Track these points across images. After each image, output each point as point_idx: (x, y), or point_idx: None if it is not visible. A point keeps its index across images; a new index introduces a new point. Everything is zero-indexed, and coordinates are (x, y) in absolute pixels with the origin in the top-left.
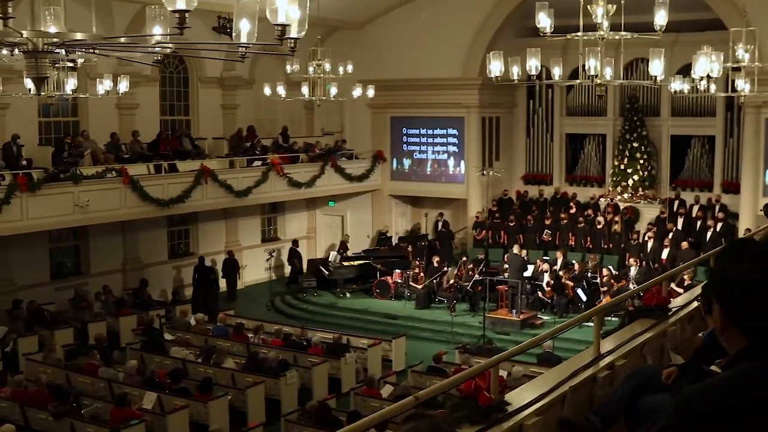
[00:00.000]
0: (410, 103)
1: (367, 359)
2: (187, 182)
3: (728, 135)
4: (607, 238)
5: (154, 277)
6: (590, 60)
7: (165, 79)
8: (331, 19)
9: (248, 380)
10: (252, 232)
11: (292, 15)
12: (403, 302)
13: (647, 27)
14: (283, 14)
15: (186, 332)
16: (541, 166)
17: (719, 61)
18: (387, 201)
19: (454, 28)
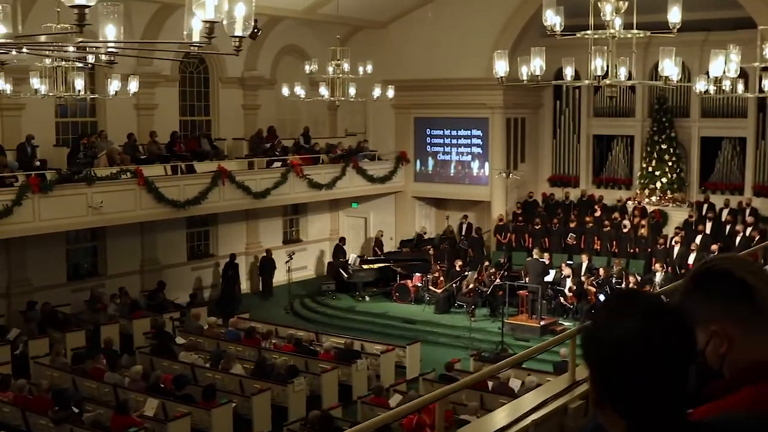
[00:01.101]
0: (434, 103)
1: (379, 366)
2: (204, 183)
3: (760, 137)
4: (633, 243)
5: (173, 278)
6: (597, 60)
7: (185, 79)
8: (354, 19)
9: (256, 387)
10: (273, 234)
11: (236, 12)
12: (423, 306)
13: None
14: (211, 10)
15: (198, 336)
16: (567, 168)
17: (737, 61)
18: (410, 203)
19: (479, 28)
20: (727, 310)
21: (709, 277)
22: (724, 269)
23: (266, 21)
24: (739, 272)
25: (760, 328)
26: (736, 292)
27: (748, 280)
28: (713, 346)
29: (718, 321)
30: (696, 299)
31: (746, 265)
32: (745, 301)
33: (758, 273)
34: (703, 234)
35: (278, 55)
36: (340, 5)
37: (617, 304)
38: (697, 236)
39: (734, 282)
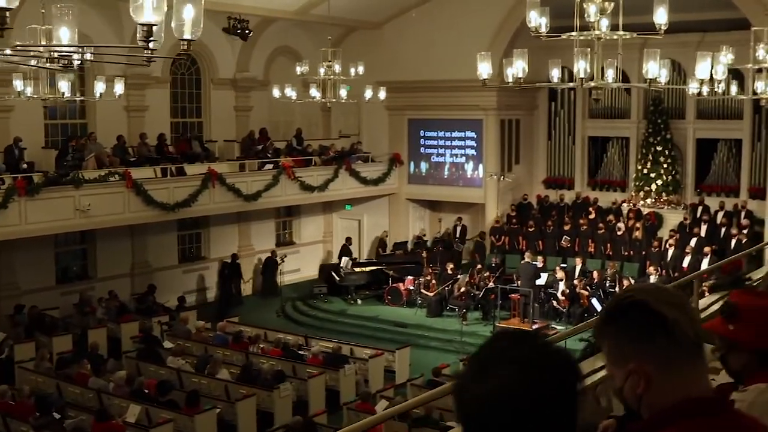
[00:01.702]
0: (428, 105)
1: (368, 371)
2: (193, 186)
3: (756, 138)
4: (628, 245)
5: (164, 281)
6: (580, 62)
7: (176, 80)
8: (347, 19)
9: (242, 392)
10: (266, 236)
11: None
12: (415, 310)
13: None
14: (149, 12)
15: (186, 340)
16: (562, 170)
17: (725, 63)
18: (404, 205)
19: (473, 29)
20: (644, 347)
21: (624, 311)
22: (641, 301)
23: (258, 22)
24: (657, 304)
25: (680, 366)
26: (654, 326)
27: (667, 313)
28: (630, 386)
29: (635, 358)
30: (611, 335)
31: (666, 296)
32: (664, 336)
33: (679, 304)
34: (698, 237)
35: (271, 56)
36: (333, 6)
37: (490, 349)
38: (692, 239)
39: (652, 315)
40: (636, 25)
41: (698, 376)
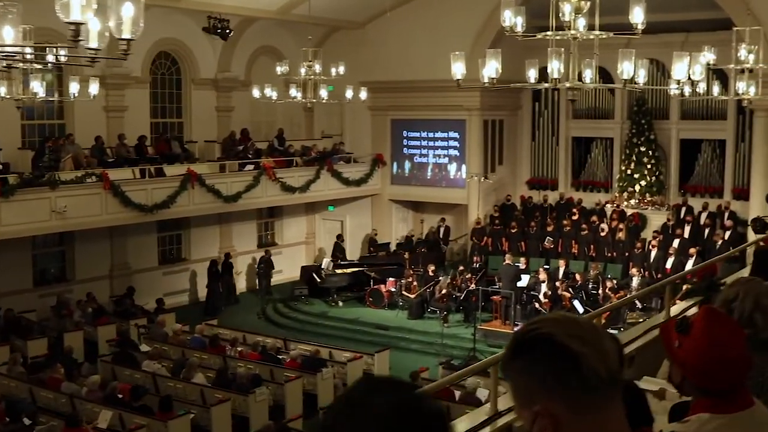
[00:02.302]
0: (411, 105)
1: (347, 374)
2: (172, 187)
3: (739, 139)
4: (611, 246)
5: (143, 283)
6: (554, 62)
7: (156, 80)
8: (329, 19)
9: (217, 396)
10: (248, 238)
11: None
12: (396, 312)
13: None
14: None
15: (163, 343)
16: (546, 171)
17: (703, 63)
18: (387, 206)
19: (457, 29)
20: (552, 386)
21: (528, 346)
22: (546, 335)
23: (239, 21)
24: (564, 338)
25: (590, 405)
26: (561, 362)
27: (574, 346)
28: (538, 430)
29: (542, 399)
30: (516, 373)
31: (573, 327)
32: (572, 372)
33: (587, 337)
34: (681, 238)
35: (253, 56)
36: (314, 6)
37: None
38: (675, 240)
39: (558, 350)
40: (616, 25)
41: (613, 417)
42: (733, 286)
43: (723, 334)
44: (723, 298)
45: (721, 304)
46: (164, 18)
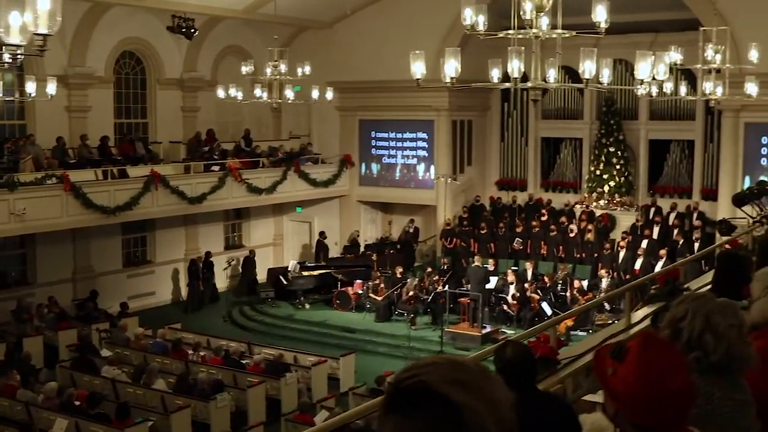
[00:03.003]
0: (379, 105)
1: (311, 378)
2: (135, 189)
3: (708, 140)
4: (580, 247)
5: (107, 287)
6: (514, 61)
7: (120, 80)
8: (295, 19)
9: (178, 403)
10: (214, 240)
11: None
12: (364, 314)
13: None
14: None
15: (125, 348)
16: (515, 172)
17: (667, 62)
18: (355, 207)
19: (425, 28)
20: None
21: (403, 397)
22: (421, 383)
23: (205, 21)
24: (443, 387)
25: None
26: (440, 414)
27: (455, 396)
28: None
29: None
30: (392, 428)
31: (457, 373)
32: (453, 425)
33: (474, 385)
34: (649, 238)
35: (219, 56)
36: (281, 5)
37: None
38: (644, 241)
39: (436, 400)
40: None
41: None
42: (682, 303)
43: (662, 362)
44: (670, 317)
45: (668, 324)
46: (128, 17)
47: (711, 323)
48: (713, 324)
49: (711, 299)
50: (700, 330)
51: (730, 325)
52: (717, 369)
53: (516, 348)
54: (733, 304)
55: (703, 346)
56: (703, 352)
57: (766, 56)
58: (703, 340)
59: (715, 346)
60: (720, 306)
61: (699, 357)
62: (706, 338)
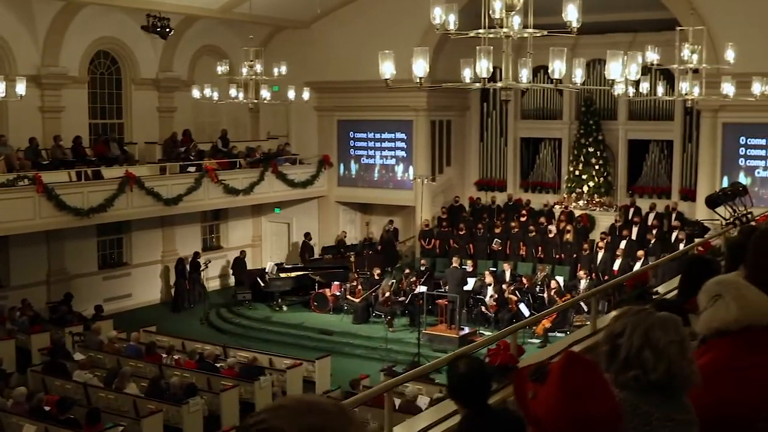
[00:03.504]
0: (358, 105)
1: (286, 382)
2: (110, 190)
3: (687, 140)
4: (559, 248)
5: (83, 289)
6: (482, 61)
7: (95, 80)
8: (272, 18)
9: (150, 407)
10: (192, 241)
11: None
12: (341, 316)
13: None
14: None
15: (98, 352)
16: (495, 172)
17: (637, 62)
18: (334, 208)
19: (404, 28)
20: None
21: None
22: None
23: (181, 20)
24: None
25: None
26: None
27: None
28: None
29: None
30: None
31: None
32: None
33: (325, 427)
34: (628, 239)
35: (196, 56)
36: (257, 5)
37: None
38: (622, 241)
39: None
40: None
41: None
42: (621, 317)
43: (585, 384)
44: (608, 332)
45: (605, 340)
46: (102, 16)
47: (650, 339)
48: (653, 340)
49: (651, 314)
50: (638, 346)
51: (670, 341)
52: (657, 388)
53: (469, 363)
54: (675, 319)
55: (642, 363)
56: (642, 370)
57: (743, 56)
58: (641, 357)
59: (655, 363)
60: (661, 321)
61: (638, 375)
62: (645, 355)
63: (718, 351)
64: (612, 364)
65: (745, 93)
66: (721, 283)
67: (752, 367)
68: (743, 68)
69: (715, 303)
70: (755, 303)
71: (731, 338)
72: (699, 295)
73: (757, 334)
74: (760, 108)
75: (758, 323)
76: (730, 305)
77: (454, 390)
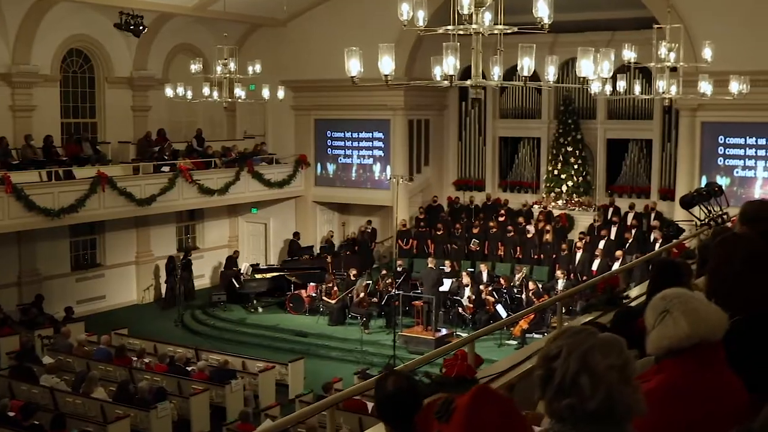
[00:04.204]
0: (335, 105)
1: (258, 385)
2: (81, 190)
3: (666, 139)
4: (538, 248)
5: (55, 291)
6: (449, 58)
7: (67, 78)
8: (248, 16)
9: (118, 412)
10: (167, 242)
11: None
12: (317, 318)
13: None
14: None
15: (67, 355)
16: (473, 171)
17: (609, 61)
18: (311, 208)
19: (380, 26)
20: None
21: None
22: None
23: (155, 18)
24: None
25: None
26: None
27: None
28: None
29: None
30: None
31: None
32: None
33: None
34: (607, 239)
35: (171, 54)
36: (233, 3)
37: None
38: (601, 241)
39: None
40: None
41: None
42: (558, 338)
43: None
44: (543, 354)
45: (540, 363)
46: (74, 14)
47: (588, 363)
48: (591, 364)
49: (592, 334)
50: (574, 371)
51: (610, 366)
52: (595, 418)
53: (397, 381)
54: (618, 341)
55: (578, 391)
56: (578, 399)
57: (722, 55)
58: (578, 383)
59: (592, 391)
60: (601, 343)
61: (573, 404)
62: (582, 381)
63: (670, 371)
64: (546, 391)
65: (723, 92)
66: (667, 298)
67: (708, 386)
68: (721, 67)
69: (663, 320)
70: (706, 317)
71: (683, 357)
72: (645, 312)
73: (711, 350)
74: (739, 107)
75: (710, 338)
76: (679, 321)
77: (380, 410)
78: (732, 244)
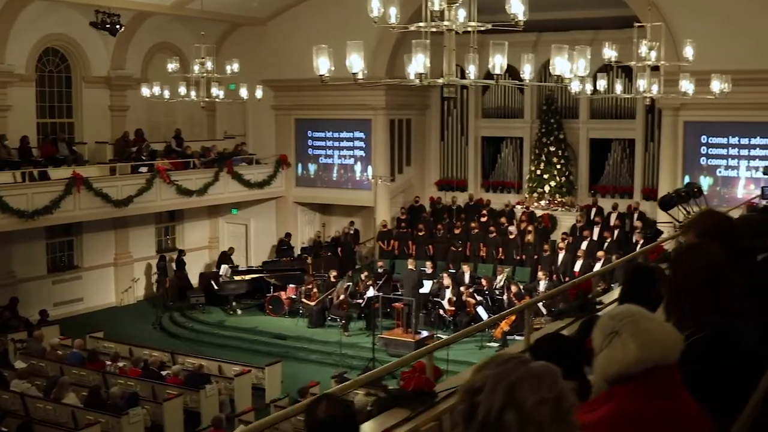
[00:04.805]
0: (316, 104)
1: (234, 389)
2: (56, 191)
3: (649, 139)
4: (520, 249)
5: (32, 293)
6: (418, 56)
7: (43, 78)
8: (227, 15)
9: (89, 418)
10: (145, 243)
11: None
12: (296, 320)
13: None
14: None
15: (40, 359)
16: (456, 171)
17: (585, 58)
18: (292, 208)
19: (361, 25)
20: None
21: None
22: None
23: (133, 16)
24: None
25: None
26: None
27: None
28: None
29: None
30: None
31: None
32: None
33: None
34: (589, 240)
35: (149, 53)
36: (208, 1)
37: None
38: (584, 242)
39: None
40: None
41: None
42: (483, 368)
43: None
44: (466, 386)
45: (462, 396)
46: (49, 12)
47: (515, 397)
48: (518, 399)
49: (522, 363)
50: (500, 407)
51: (540, 401)
52: None
53: (329, 407)
54: (552, 371)
55: (504, 428)
56: None
57: (703, 54)
58: (502, 420)
59: (520, 428)
60: (531, 374)
61: None
62: (508, 418)
63: (620, 399)
64: (469, 428)
65: (705, 91)
66: (616, 318)
67: (663, 413)
68: (703, 66)
69: (611, 342)
70: (658, 338)
71: (634, 383)
72: (593, 334)
73: (665, 374)
74: (722, 106)
75: (664, 362)
76: (628, 344)
77: None
78: (693, 255)
